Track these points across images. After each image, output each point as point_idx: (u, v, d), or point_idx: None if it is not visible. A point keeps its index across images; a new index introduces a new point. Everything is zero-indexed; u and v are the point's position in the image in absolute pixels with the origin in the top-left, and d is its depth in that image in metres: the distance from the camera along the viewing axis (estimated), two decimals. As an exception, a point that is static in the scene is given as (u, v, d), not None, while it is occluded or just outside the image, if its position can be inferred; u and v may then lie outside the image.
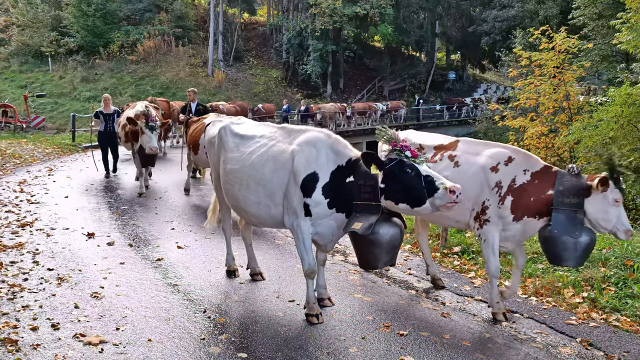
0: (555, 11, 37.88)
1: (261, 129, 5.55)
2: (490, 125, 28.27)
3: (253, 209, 5.28)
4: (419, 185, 4.38)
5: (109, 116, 12.83)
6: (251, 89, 41.41)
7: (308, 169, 4.86)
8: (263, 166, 5.13)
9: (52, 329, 4.75)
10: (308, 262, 5.03)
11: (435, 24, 47.60)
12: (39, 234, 7.86)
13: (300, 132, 5.17)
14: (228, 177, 5.46)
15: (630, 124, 12.70)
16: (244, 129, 5.66)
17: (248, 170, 5.22)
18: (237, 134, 5.60)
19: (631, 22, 13.26)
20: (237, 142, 5.52)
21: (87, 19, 40.33)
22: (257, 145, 5.30)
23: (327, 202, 4.85)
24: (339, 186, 4.82)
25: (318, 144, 4.96)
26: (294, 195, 4.92)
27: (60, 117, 33.64)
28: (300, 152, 4.93)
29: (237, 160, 5.38)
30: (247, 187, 5.22)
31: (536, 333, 5.11)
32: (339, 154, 4.90)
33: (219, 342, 4.66)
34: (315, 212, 4.88)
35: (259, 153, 5.22)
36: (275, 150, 5.14)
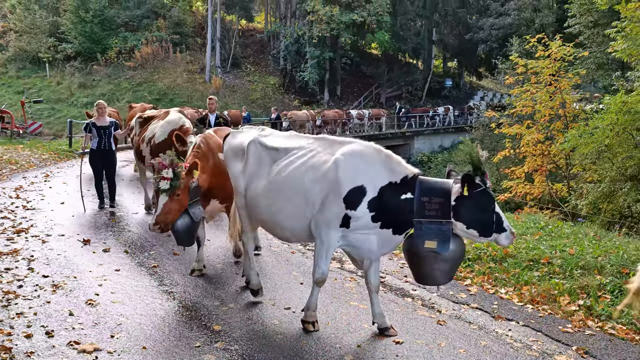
0: (551, 19, 38.06)
1: (296, 141, 5.35)
2: (486, 132, 28.33)
3: (291, 222, 5.04)
4: (492, 219, 4.49)
5: (104, 130, 10.00)
6: (249, 96, 41.48)
7: (355, 181, 4.71)
8: (303, 176, 4.92)
9: (47, 336, 4.73)
10: (322, 270, 4.91)
11: (432, 32, 47.76)
12: (34, 241, 7.83)
13: (343, 144, 5.01)
14: (263, 191, 5.21)
15: (626, 131, 12.76)
16: (277, 141, 5.42)
17: (287, 181, 5.01)
18: (270, 147, 5.33)
19: (626, 31, 13.33)
20: (272, 155, 5.28)
21: (85, 25, 40.40)
22: (296, 156, 5.10)
23: (372, 215, 4.71)
24: (391, 202, 4.67)
25: (366, 157, 4.82)
26: (333, 205, 4.75)
27: (57, 123, 33.64)
28: (346, 164, 4.77)
29: (275, 173, 5.15)
30: (286, 199, 5.01)
31: (532, 341, 5.10)
32: (392, 170, 4.77)
33: (214, 350, 4.64)
34: (355, 225, 4.75)
35: (297, 164, 5.02)
36: (316, 161, 4.95)
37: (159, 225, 5.51)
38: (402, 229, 4.78)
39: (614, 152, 13.22)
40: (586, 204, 13.62)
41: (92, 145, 10.10)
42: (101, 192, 10.32)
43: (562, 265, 6.76)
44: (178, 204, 5.65)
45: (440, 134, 37.86)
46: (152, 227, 5.49)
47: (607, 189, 13.16)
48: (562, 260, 6.87)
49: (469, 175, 4.47)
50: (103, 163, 10.16)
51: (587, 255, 6.86)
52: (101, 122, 10.03)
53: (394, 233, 4.78)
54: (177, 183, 5.52)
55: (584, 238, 7.89)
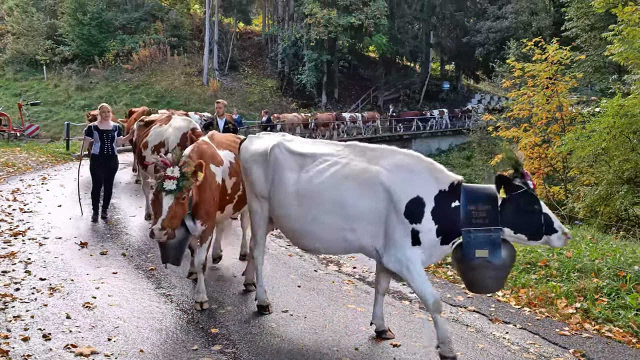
0: (548, 22, 38.18)
1: (322, 146, 5.11)
2: (484, 135, 28.40)
3: (325, 234, 4.76)
4: (539, 220, 4.35)
5: (107, 134, 9.42)
6: (246, 99, 41.49)
7: (409, 193, 4.49)
8: (341, 186, 4.66)
9: (44, 339, 4.72)
10: (432, 294, 4.45)
11: (429, 35, 47.85)
12: (31, 243, 7.82)
13: (379, 152, 4.78)
14: (291, 199, 4.90)
15: (623, 134, 12.81)
16: (302, 146, 5.17)
17: (321, 190, 4.74)
18: (296, 152, 5.07)
19: (623, 35, 13.40)
20: (298, 161, 5.00)
21: (82, 28, 40.37)
22: (327, 163, 4.83)
23: (436, 228, 4.48)
24: (445, 212, 4.49)
25: (412, 166, 4.62)
26: (397, 223, 4.48)
27: (55, 126, 33.57)
28: (394, 176, 4.54)
29: (304, 180, 4.86)
30: (321, 210, 4.72)
31: (529, 344, 5.11)
32: (439, 177, 4.58)
33: (212, 353, 4.64)
34: (425, 240, 4.49)
35: (331, 172, 4.75)
36: (353, 170, 4.70)
37: (165, 231, 4.89)
38: (449, 239, 4.57)
39: (611, 155, 13.28)
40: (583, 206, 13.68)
41: (94, 150, 9.49)
42: (97, 202, 9.61)
43: (559, 268, 6.78)
44: (183, 210, 5.11)
45: (437, 137, 37.92)
46: (158, 233, 4.87)
47: (604, 192, 13.21)
48: (559, 263, 6.90)
49: (502, 177, 4.38)
50: (104, 169, 9.56)
51: (584, 258, 6.88)
52: (104, 126, 9.46)
53: (441, 243, 4.57)
54: (184, 183, 4.99)
55: (580, 241, 7.92)
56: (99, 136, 9.40)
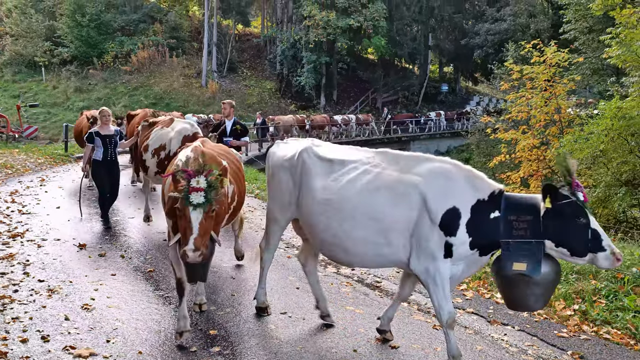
0: (547, 25, 38.29)
1: (352, 153, 4.87)
2: (482, 137, 28.45)
3: (358, 247, 4.50)
4: (585, 235, 3.99)
5: (109, 139, 9.11)
6: (245, 100, 41.51)
7: (446, 203, 4.26)
8: (374, 196, 4.42)
9: (42, 341, 4.72)
10: (449, 310, 4.29)
11: (428, 37, 47.93)
12: (29, 245, 7.81)
13: (414, 159, 4.55)
14: (319, 208, 4.66)
15: (621, 137, 12.84)
16: (330, 152, 4.94)
17: (353, 200, 4.48)
18: (325, 158, 4.83)
19: (620, 37, 13.43)
20: (326, 168, 4.77)
21: (81, 30, 40.39)
22: (358, 171, 4.58)
23: (470, 241, 4.26)
24: (483, 223, 4.24)
25: (450, 174, 4.37)
26: (431, 234, 4.26)
27: (53, 127, 33.57)
28: (430, 184, 4.32)
29: (334, 188, 4.62)
30: (353, 221, 4.47)
31: (527, 345, 5.12)
32: (478, 186, 4.33)
33: (211, 355, 4.64)
34: (458, 253, 4.28)
35: (364, 181, 4.50)
36: (387, 179, 4.45)
37: (200, 252, 4.21)
38: (487, 250, 4.35)
39: (609, 157, 13.31)
40: (581, 208, 13.67)
41: (96, 156, 9.14)
42: (105, 208, 9.36)
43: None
44: (212, 224, 4.52)
45: (436, 139, 37.97)
46: (192, 255, 4.19)
47: (602, 194, 13.24)
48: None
49: (549, 186, 4.09)
50: (108, 175, 9.17)
51: (583, 260, 6.88)
52: (105, 131, 9.13)
53: (480, 255, 4.34)
54: (213, 194, 4.34)
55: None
56: (101, 142, 9.06)
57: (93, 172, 9.28)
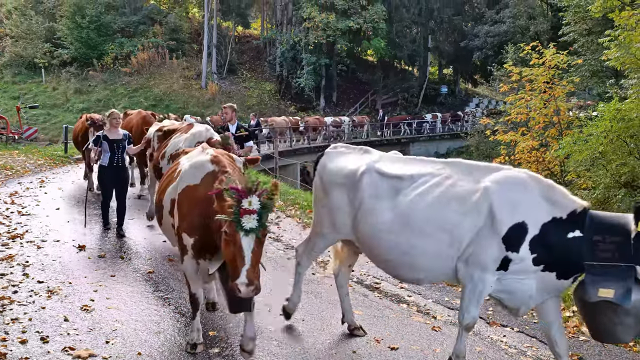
0: (546, 27, 38.33)
1: (419, 165, 4.59)
2: (482, 139, 28.49)
3: (427, 261, 4.29)
4: None
5: (117, 144, 8.62)
6: (245, 102, 41.55)
7: (515, 216, 3.98)
8: (446, 208, 4.20)
9: (42, 342, 4.72)
10: (473, 315, 4.17)
11: (427, 39, 47.96)
12: (29, 246, 7.81)
13: (489, 170, 4.30)
14: (388, 227, 4.40)
15: (620, 139, 12.84)
16: (396, 167, 4.65)
17: (424, 215, 4.26)
18: (391, 175, 4.56)
19: (619, 39, 13.45)
20: (394, 186, 4.49)
21: (81, 31, 40.47)
22: (428, 185, 4.35)
23: (534, 257, 3.95)
24: (556, 242, 3.91)
25: (525, 187, 4.09)
26: (490, 245, 4.02)
27: (53, 129, 33.63)
28: (501, 195, 4.07)
29: (402, 206, 4.37)
30: (424, 236, 4.24)
31: (527, 347, 5.13)
32: (556, 203, 4.00)
33: (210, 356, 4.64)
34: (514, 268, 4.01)
35: (435, 194, 4.28)
36: (458, 190, 4.23)
37: (254, 286, 3.67)
38: (568, 273, 3.98)
39: (608, 159, 13.32)
40: (581, 210, 13.69)
41: (102, 161, 8.64)
42: (107, 214, 9.04)
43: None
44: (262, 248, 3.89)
45: (436, 140, 37.98)
46: (246, 290, 3.63)
47: (601, 196, 13.24)
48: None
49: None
50: (115, 182, 8.74)
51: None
52: (114, 135, 8.63)
53: (558, 277, 4.00)
54: (267, 217, 3.76)
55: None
56: (108, 146, 8.57)
57: (99, 177, 8.96)
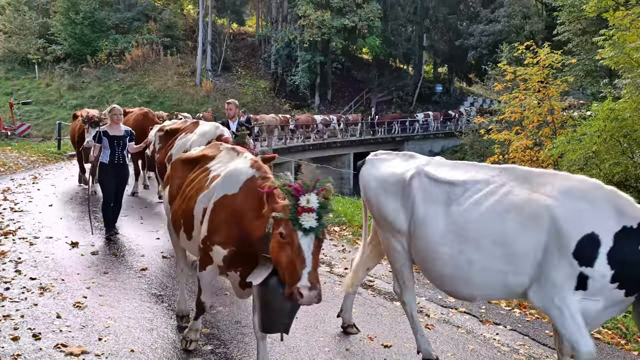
0: (541, 26, 38.42)
1: (472, 171, 4.29)
2: (476, 138, 28.57)
3: (482, 279, 3.95)
4: None
5: (117, 140, 8.27)
6: (239, 99, 41.37)
7: (583, 228, 3.60)
8: (501, 219, 3.86)
9: (34, 339, 4.70)
10: (587, 344, 3.56)
11: (422, 37, 47.98)
12: (21, 243, 7.77)
13: (547, 177, 3.96)
14: (441, 239, 4.10)
15: (613, 138, 12.91)
16: (447, 171, 4.35)
17: (478, 225, 3.94)
18: (443, 181, 4.26)
19: (614, 39, 13.51)
20: (446, 192, 4.19)
21: (75, 27, 40.27)
22: (481, 193, 4.04)
23: (612, 274, 3.54)
24: (630, 254, 3.54)
25: (590, 195, 3.73)
26: (560, 262, 3.65)
27: (46, 125, 33.45)
28: (564, 205, 3.71)
29: (455, 215, 4.07)
30: (478, 249, 3.91)
31: (519, 345, 5.14)
32: (624, 211, 3.64)
33: (203, 353, 4.63)
34: (594, 286, 3.59)
35: (489, 203, 3.96)
36: (515, 199, 3.89)
37: (317, 290, 3.32)
38: (634, 289, 3.63)
39: (602, 158, 13.38)
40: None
41: (102, 159, 8.26)
42: (109, 216, 8.49)
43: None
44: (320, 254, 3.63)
45: (430, 139, 38.02)
46: (309, 295, 3.29)
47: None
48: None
49: None
50: (115, 180, 8.38)
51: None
52: (115, 131, 8.29)
53: (626, 295, 3.61)
54: (326, 216, 3.48)
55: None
56: (108, 142, 8.20)
57: (99, 175, 8.56)
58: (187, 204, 4.47)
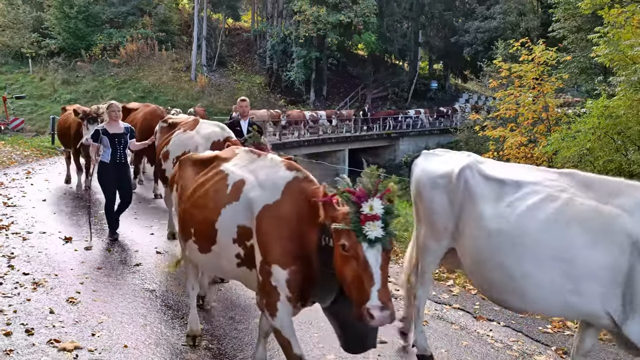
0: (536, 23, 38.46)
1: (527, 172, 3.99)
2: (471, 134, 28.61)
3: (538, 292, 3.58)
4: None
5: (118, 138, 7.89)
6: (234, 95, 41.28)
7: None
8: (563, 233, 3.50)
9: (26, 334, 4.68)
10: None
11: (418, 34, 47.97)
12: (14, 238, 7.74)
13: (613, 185, 3.61)
14: (490, 241, 3.78)
15: (607, 135, 12.94)
16: (500, 170, 4.09)
17: (535, 234, 3.57)
18: (494, 178, 3.98)
19: (608, 36, 13.53)
20: (496, 190, 3.90)
21: (69, 21, 40.00)
22: (539, 197, 3.68)
23: None
24: None
25: None
26: None
27: (40, 120, 33.26)
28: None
29: (509, 217, 3.73)
30: (534, 260, 3.55)
31: (512, 341, 5.16)
32: None
33: (197, 349, 4.63)
34: None
35: (549, 210, 3.59)
36: (579, 209, 3.51)
37: (390, 310, 2.92)
38: None
39: (596, 155, 13.41)
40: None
41: (103, 158, 7.85)
42: (112, 218, 8.20)
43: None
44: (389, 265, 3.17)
45: (425, 136, 38.04)
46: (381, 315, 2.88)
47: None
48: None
49: None
50: (117, 180, 7.98)
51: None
52: (114, 129, 7.89)
53: None
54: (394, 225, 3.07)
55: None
56: (109, 141, 7.80)
57: (99, 176, 8.00)
58: (202, 213, 3.94)
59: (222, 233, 3.77)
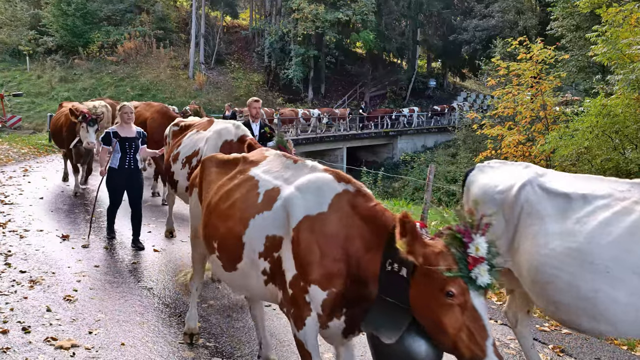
0: (535, 22, 38.50)
1: (595, 184, 3.73)
2: (469, 133, 28.63)
3: (617, 312, 3.33)
4: None
5: (129, 143, 7.44)
6: (232, 92, 41.30)
7: None
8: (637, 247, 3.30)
9: (23, 332, 4.67)
10: None
11: (416, 32, 47.96)
12: (12, 236, 7.72)
13: None
14: (555, 261, 3.54)
15: (605, 134, 12.96)
16: (564, 183, 3.82)
17: (610, 250, 3.35)
18: (558, 193, 3.74)
19: (606, 35, 13.54)
20: (561, 206, 3.67)
21: (66, 19, 39.89)
22: (612, 211, 3.46)
23: None
24: None
25: None
26: None
27: (37, 117, 33.17)
28: None
29: (578, 234, 3.49)
30: (610, 278, 3.32)
31: (510, 339, 5.16)
32: None
33: (194, 347, 4.62)
34: None
35: (625, 224, 3.36)
36: None
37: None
38: None
39: (593, 154, 13.43)
40: (565, 205, 13.82)
41: (112, 163, 7.43)
42: (112, 222, 7.96)
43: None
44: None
45: (423, 134, 38.07)
46: None
47: (586, 191, 13.36)
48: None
49: None
50: (126, 187, 7.57)
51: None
52: (126, 132, 7.44)
53: None
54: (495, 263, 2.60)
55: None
56: (119, 145, 7.37)
57: (107, 180, 7.54)
58: (226, 224, 3.60)
59: (249, 247, 3.45)
